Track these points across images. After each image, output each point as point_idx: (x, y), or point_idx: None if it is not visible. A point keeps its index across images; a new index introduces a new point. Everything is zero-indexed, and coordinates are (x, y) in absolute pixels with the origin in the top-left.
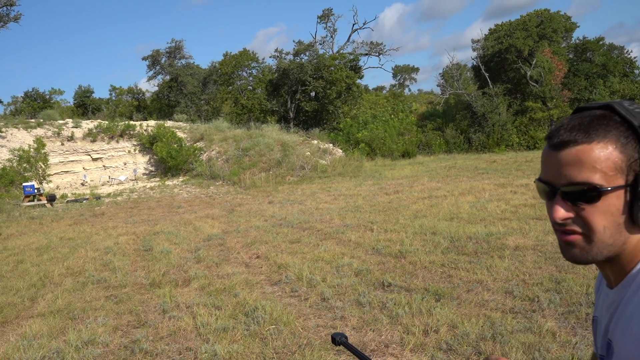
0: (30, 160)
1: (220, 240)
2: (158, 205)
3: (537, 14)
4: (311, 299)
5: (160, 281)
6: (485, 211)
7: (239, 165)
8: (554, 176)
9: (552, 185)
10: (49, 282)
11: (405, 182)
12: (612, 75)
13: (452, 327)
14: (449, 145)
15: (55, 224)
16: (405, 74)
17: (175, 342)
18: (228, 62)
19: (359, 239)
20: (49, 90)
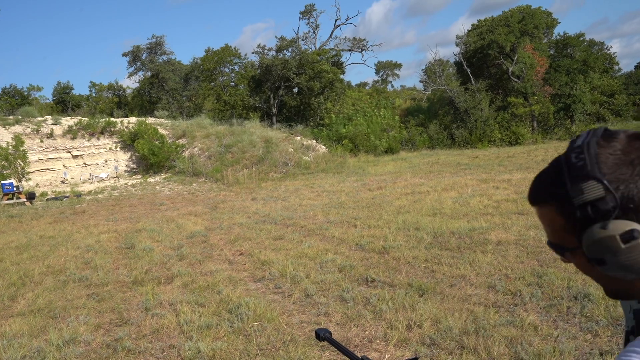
0: (9, 157)
1: (203, 238)
2: (140, 202)
3: (519, 10)
4: (295, 295)
5: (143, 279)
6: (467, 206)
7: (221, 162)
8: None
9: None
10: (29, 280)
11: (389, 178)
12: (593, 70)
13: (435, 321)
14: (432, 141)
15: (35, 222)
16: (388, 70)
17: (159, 340)
18: (210, 58)
19: (343, 235)
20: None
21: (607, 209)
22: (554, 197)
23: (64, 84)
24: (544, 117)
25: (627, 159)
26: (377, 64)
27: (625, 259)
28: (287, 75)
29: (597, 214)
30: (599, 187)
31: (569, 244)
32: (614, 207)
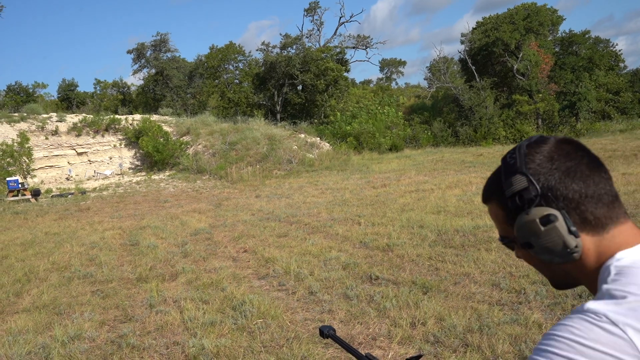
0: (14, 154)
1: (207, 235)
2: (144, 199)
3: (524, 7)
4: (299, 293)
5: (147, 276)
6: (472, 204)
7: (225, 159)
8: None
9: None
10: (34, 277)
11: (393, 176)
12: (598, 68)
13: (439, 319)
14: (436, 138)
15: (40, 219)
16: (393, 67)
17: (163, 337)
18: (214, 56)
19: (347, 233)
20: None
21: (531, 198)
22: (494, 192)
23: (68, 81)
24: (548, 115)
25: (549, 157)
26: (382, 61)
27: (546, 241)
28: (291, 72)
29: (523, 202)
30: (523, 179)
31: (510, 235)
32: (535, 195)
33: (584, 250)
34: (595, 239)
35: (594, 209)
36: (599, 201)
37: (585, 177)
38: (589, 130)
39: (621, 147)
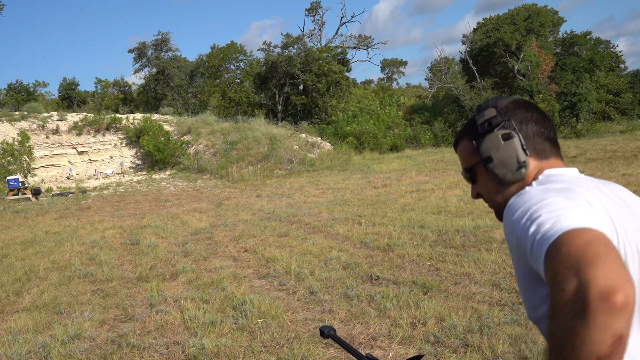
0: (15, 153)
1: (208, 234)
2: (145, 199)
3: (525, 8)
4: (299, 293)
5: (148, 275)
6: (472, 204)
7: (226, 158)
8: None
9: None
10: (34, 276)
11: (393, 176)
12: (599, 69)
13: (439, 319)
14: (437, 138)
15: (41, 218)
16: (394, 67)
17: (163, 336)
18: (215, 55)
19: (347, 233)
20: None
21: (497, 122)
22: (467, 130)
23: (69, 80)
24: (549, 116)
25: (514, 104)
26: (383, 61)
27: (504, 154)
28: (293, 72)
29: (491, 126)
30: (493, 110)
31: (474, 162)
32: (501, 121)
33: (529, 172)
34: (537, 163)
35: (541, 143)
36: (546, 139)
37: (539, 123)
38: (589, 131)
39: (621, 147)
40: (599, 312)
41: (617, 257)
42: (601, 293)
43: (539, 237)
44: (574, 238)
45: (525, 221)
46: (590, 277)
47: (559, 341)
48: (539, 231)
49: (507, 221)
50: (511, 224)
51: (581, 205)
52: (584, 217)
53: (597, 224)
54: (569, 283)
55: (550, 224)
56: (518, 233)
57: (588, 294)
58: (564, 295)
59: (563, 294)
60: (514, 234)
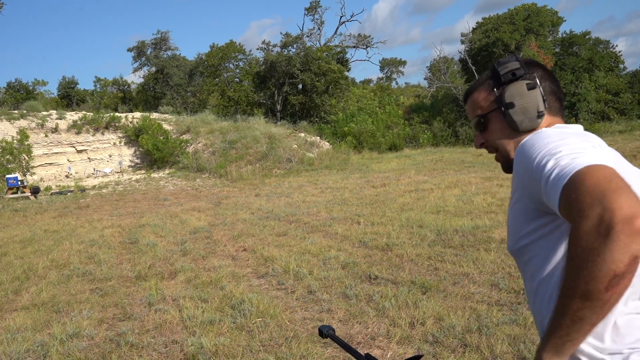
0: (14, 152)
1: (206, 233)
2: (144, 197)
3: (524, 8)
4: (298, 292)
5: (146, 274)
6: (471, 204)
7: (225, 157)
8: (470, 117)
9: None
10: (33, 274)
11: (392, 175)
12: (598, 69)
13: (438, 319)
14: (435, 138)
15: (40, 217)
16: (393, 67)
17: (161, 335)
18: (215, 54)
19: (346, 232)
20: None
21: (521, 74)
22: (485, 80)
23: (68, 79)
24: None
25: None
26: (382, 61)
27: (527, 101)
28: (292, 71)
29: (514, 76)
30: (516, 63)
31: (490, 109)
32: (524, 73)
33: (542, 123)
34: (549, 117)
35: (554, 101)
36: (558, 99)
37: (554, 82)
38: (589, 131)
39: (620, 147)
40: (622, 233)
41: (633, 191)
42: (625, 217)
43: (558, 171)
44: (597, 171)
45: (544, 155)
46: (615, 204)
47: (580, 261)
48: (558, 164)
49: (521, 154)
50: (526, 156)
51: (596, 147)
52: (602, 156)
53: (611, 162)
54: (594, 209)
55: (570, 159)
56: (532, 165)
57: (614, 218)
58: (589, 220)
59: (588, 219)
60: (527, 165)
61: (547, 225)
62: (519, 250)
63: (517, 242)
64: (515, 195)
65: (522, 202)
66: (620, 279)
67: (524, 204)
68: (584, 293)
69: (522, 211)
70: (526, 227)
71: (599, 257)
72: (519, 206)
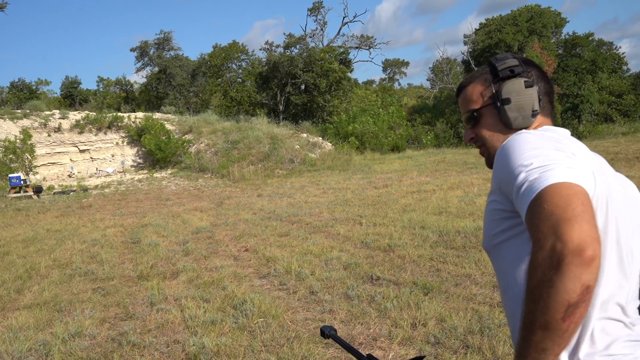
0: (17, 151)
1: (208, 233)
2: (146, 197)
3: (527, 9)
4: (300, 292)
5: (148, 274)
6: (473, 205)
7: (227, 158)
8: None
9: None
10: (35, 274)
11: (395, 176)
12: (601, 71)
13: (440, 320)
14: (438, 139)
15: (42, 216)
16: (395, 67)
17: (163, 335)
18: (217, 54)
19: (348, 233)
20: (36, 81)
21: (520, 71)
22: (482, 74)
23: (72, 79)
24: None
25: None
26: (385, 61)
27: (523, 99)
28: (294, 72)
29: (513, 72)
30: (515, 60)
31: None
32: (522, 70)
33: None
34: (540, 117)
35: (546, 102)
36: (550, 102)
37: (548, 83)
38: (592, 133)
39: (623, 149)
40: (572, 264)
41: (590, 217)
42: (575, 249)
43: (526, 186)
44: (557, 193)
45: (518, 165)
46: (567, 235)
47: (537, 292)
48: (528, 179)
49: (500, 157)
50: (504, 161)
51: (569, 157)
52: (569, 171)
53: (579, 178)
54: (548, 240)
55: (539, 173)
56: (507, 171)
57: (564, 250)
58: (544, 251)
59: (543, 250)
60: (503, 170)
61: (518, 225)
62: (492, 248)
63: (491, 240)
64: (492, 194)
65: (498, 201)
66: (575, 308)
67: (500, 203)
68: (542, 324)
69: (497, 210)
70: (499, 226)
71: (552, 288)
72: (494, 205)
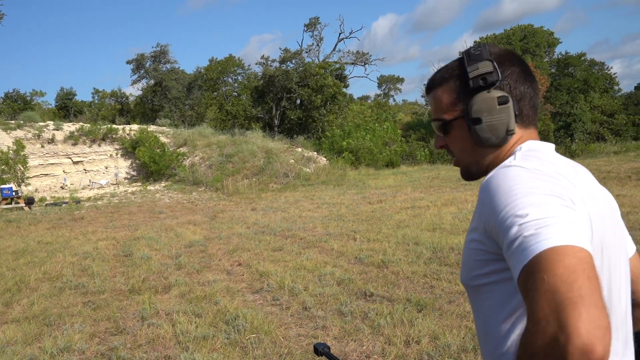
0: (9, 162)
1: (201, 247)
2: (139, 210)
3: (521, 29)
4: (293, 308)
5: (140, 287)
6: (467, 222)
7: (222, 171)
8: (432, 113)
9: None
10: (24, 286)
11: (389, 192)
12: (593, 90)
13: (433, 338)
14: (432, 155)
15: (33, 228)
16: (391, 84)
17: (154, 350)
18: (213, 68)
19: (342, 248)
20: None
21: (493, 81)
22: (451, 76)
23: (67, 90)
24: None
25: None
26: (380, 77)
27: (496, 118)
28: (290, 86)
29: (486, 83)
30: (489, 65)
31: (452, 116)
32: (497, 79)
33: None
34: (520, 130)
35: (527, 107)
36: (532, 105)
37: (530, 83)
38: (584, 151)
39: (615, 168)
40: None
41: (599, 297)
42: (582, 348)
43: (521, 243)
44: (558, 263)
45: (509, 214)
46: (572, 328)
47: None
48: (522, 234)
49: (485, 194)
50: (491, 202)
51: (567, 206)
52: (570, 228)
53: (581, 239)
54: (549, 326)
55: (534, 229)
56: (497, 217)
57: (569, 346)
58: (543, 337)
59: (542, 335)
60: (491, 212)
61: (504, 271)
62: (472, 288)
63: (471, 280)
64: (474, 232)
65: (481, 242)
66: None
67: (483, 244)
68: None
69: (480, 251)
70: (481, 269)
71: None
72: (477, 245)
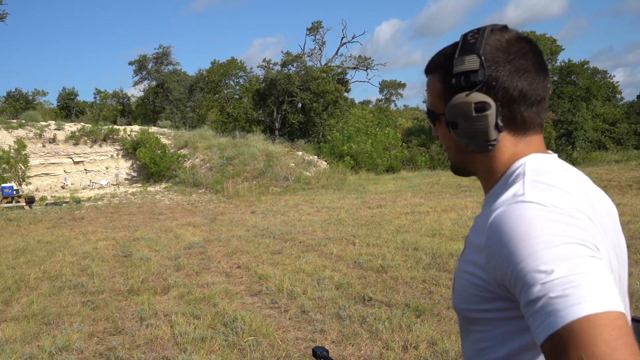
0: (10, 161)
1: (201, 249)
2: (139, 211)
3: None
4: (291, 311)
5: (139, 288)
6: (467, 228)
7: (222, 173)
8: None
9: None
10: (24, 285)
11: (389, 197)
12: (595, 98)
13: (431, 343)
14: (433, 161)
15: (33, 227)
16: (392, 89)
17: (152, 351)
18: (215, 70)
19: (341, 252)
20: (32, 91)
21: (476, 81)
22: (442, 65)
23: (69, 90)
24: (545, 143)
25: (508, 49)
26: (382, 82)
27: (472, 126)
28: (291, 90)
29: (467, 83)
30: (476, 61)
31: (440, 110)
32: (481, 81)
33: (499, 146)
34: (514, 139)
35: (524, 110)
36: (532, 104)
37: (531, 79)
38: (585, 160)
39: (616, 177)
40: None
41: None
42: None
43: (546, 306)
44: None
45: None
46: None
47: None
48: (547, 294)
49: (498, 241)
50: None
51: (594, 255)
52: (603, 288)
53: (614, 299)
54: None
55: (561, 290)
56: (513, 269)
57: None
58: None
59: None
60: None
61: (505, 310)
62: (467, 319)
63: (466, 312)
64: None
65: (484, 280)
66: None
67: (485, 282)
68: None
69: (479, 287)
70: (480, 304)
71: None
72: (477, 280)
